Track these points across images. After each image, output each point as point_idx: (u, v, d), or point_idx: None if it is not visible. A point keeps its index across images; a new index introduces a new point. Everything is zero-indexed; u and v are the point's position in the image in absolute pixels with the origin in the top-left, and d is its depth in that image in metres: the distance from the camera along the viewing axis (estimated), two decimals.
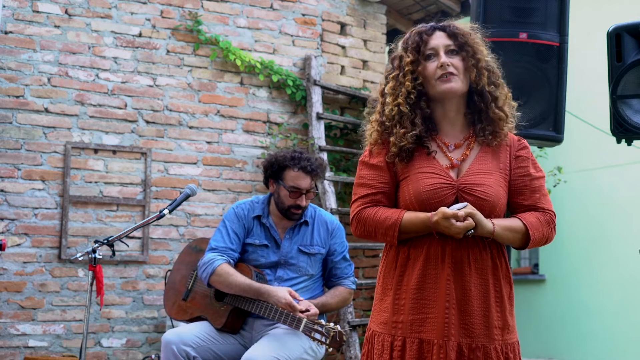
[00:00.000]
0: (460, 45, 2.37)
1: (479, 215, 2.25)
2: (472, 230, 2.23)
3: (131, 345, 5.25)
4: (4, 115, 5.03)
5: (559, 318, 9.45)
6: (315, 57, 5.96)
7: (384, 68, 6.55)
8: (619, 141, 3.27)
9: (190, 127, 5.55)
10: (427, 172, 2.32)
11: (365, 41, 6.34)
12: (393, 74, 2.41)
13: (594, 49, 6.04)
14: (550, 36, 3.52)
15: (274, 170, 3.76)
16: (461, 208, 2.23)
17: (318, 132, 5.78)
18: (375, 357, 2.33)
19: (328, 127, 6.05)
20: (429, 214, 2.26)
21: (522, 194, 2.38)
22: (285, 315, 3.45)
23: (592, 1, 8.58)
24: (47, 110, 5.14)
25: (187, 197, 3.76)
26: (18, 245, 5.00)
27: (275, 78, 5.76)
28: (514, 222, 2.34)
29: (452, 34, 2.38)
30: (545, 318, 9.61)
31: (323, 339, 3.27)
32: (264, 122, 5.81)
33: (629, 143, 3.27)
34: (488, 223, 2.27)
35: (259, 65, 5.73)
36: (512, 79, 3.48)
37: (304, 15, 6.04)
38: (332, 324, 3.30)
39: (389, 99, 2.39)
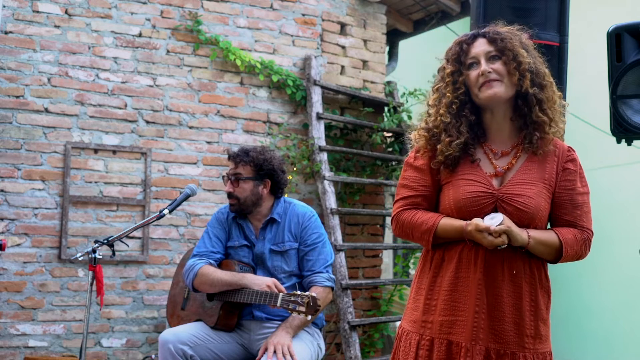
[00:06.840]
0: (501, 50, 2.36)
1: (514, 230, 2.24)
2: (504, 245, 2.24)
3: (131, 345, 5.25)
4: (4, 115, 5.03)
5: (559, 318, 9.45)
6: (315, 57, 5.95)
7: (384, 68, 6.54)
8: (619, 141, 3.27)
9: (190, 127, 5.55)
10: (469, 179, 2.34)
11: (365, 41, 6.33)
12: (437, 86, 2.45)
13: (594, 49, 6.04)
14: (550, 36, 3.51)
15: None
16: (496, 223, 2.22)
17: (318, 132, 5.78)
18: (401, 354, 2.38)
19: (328, 127, 6.06)
20: (463, 223, 2.29)
21: (564, 208, 2.39)
22: (264, 295, 3.45)
23: (592, 1, 8.58)
24: (47, 110, 5.14)
25: (187, 197, 3.77)
26: (18, 245, 5.00)
27: (275, 78, 5.76)
28: (550, 237, 2.33)
29: (492, 40, 2.38)
30: None
31: (300, 309, 3.32)
32: (264, 122, 5.81)
33: (629, 143, 3.27)
34: (523, 236, 2.26)
35: (259, 65, 5.72)
36: None
37: (304, 15, 6.04)
38: (306, 293, 3.32)
39: (432, 111, 2.43)
